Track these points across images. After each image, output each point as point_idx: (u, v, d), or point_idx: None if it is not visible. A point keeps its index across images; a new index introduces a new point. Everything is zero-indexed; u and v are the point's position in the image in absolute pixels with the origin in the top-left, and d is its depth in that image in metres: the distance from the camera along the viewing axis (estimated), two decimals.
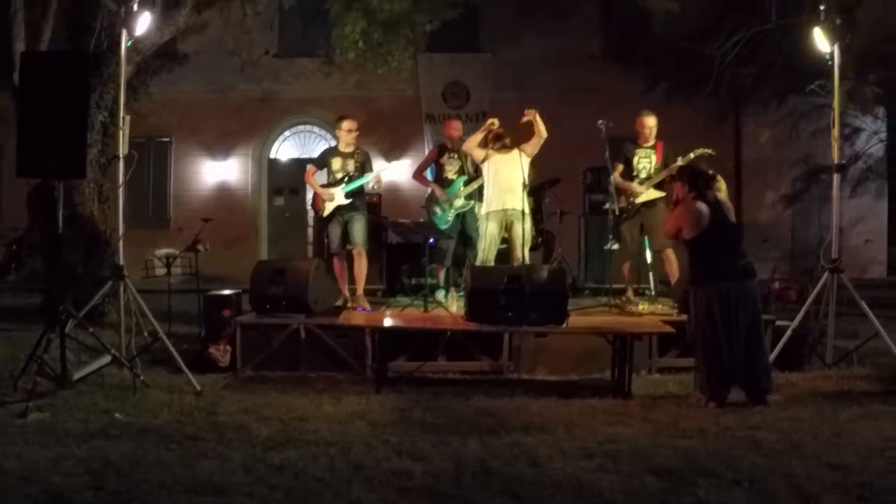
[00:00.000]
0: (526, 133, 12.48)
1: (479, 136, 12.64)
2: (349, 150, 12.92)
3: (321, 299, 11.75)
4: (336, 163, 12.88)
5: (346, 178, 12.69)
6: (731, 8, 16.92)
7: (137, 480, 6.74)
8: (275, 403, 9.35)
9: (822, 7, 12.39)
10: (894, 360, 10.95)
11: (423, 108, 25.75)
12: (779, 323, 11.74)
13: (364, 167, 12.88)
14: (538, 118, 12.36)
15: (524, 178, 11.98)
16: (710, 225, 9.48)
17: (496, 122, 12.63)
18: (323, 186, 12.90)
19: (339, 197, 12.68)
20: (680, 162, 12.23)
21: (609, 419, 8.86)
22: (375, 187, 13.37)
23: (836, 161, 12.08)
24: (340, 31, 17.79)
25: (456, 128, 13.94)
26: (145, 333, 10.74)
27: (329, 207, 12.74)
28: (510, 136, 12.49)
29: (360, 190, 12.90)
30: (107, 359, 10.16)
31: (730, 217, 9.70)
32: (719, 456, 7.51)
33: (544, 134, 12.34)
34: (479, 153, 12.65)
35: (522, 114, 12.47)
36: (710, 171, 9.97)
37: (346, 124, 13.00)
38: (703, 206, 9.51)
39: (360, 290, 12.80)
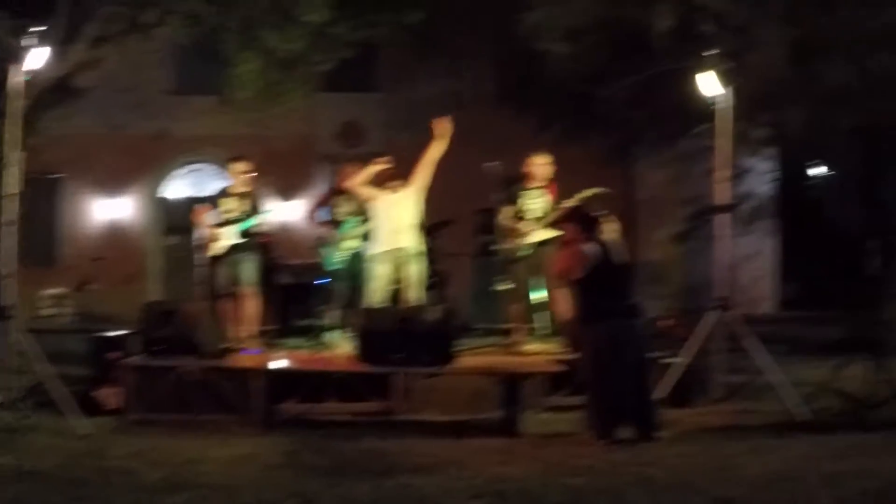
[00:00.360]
0: (413, 171, 12.57)
1: (366, 176, 12.69)
2: (242, 190, 12.89)
3: (210, 341, 11.69)
4: (228, 203, 12.82)
5: (237, 219, 12.65)
6: (623, 51, 17.12)
7: None
8: (163, 447, 9.29)
9: (709, 53, 12.66)
10: (781, 393, 11.17)
11: (318, 148, 25.68)
12: (668, 360, 11.91)
13: (255, 208, 12.84)
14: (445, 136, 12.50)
15: (417, 217, 12.05)
16: (598, 265, 9.61)
17: (386, 162, 12.66)
18: (214, 227, 12.83)
19: (229, 238, 12.62)
20: (572, 202, 12.36)
21: (499, 458, 8.93)
22: (262, 229, 13.32)
23: (722, 202, 12.32)
24: (236, 70, 17.75)
25: (351, 170, 13.97)
26: (33, 375, 10.60)
27: (219, 248, 12.68)
28: (399, 176, 12.55)
29: (251, 231, 12.85)
30: None
31: (619, 257, 9.85)
32: (609, 493, 7.61)
33: (437, 153, 12.47)
34: (368, 193, 12.69)
35: (436, 126, 12.58)
36: (601, 212, 10.11)
37: (239, 166, 12.98)
38: (591, 247, 9.64)
39: (250, 332, 12.72)
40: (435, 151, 12.46)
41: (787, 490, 7.71)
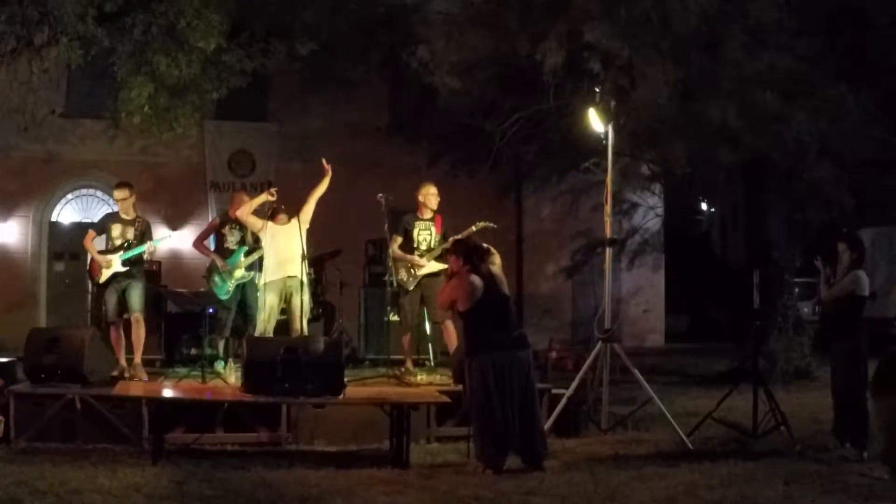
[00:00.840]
0: (302, 202, 12.63)
1: (254, 205, 12.70)
2: (129, 217, 12.78)
3: (97, 369, 11.54)
4: (115, 229, 12.70)
5: (125, 246, 12.55)
6: (512, 87, 17.31)
7: None
8: (49, 476, 9.10)
9: (597, 89, 12.86)
10: (667, 423, 11.35)
11: (208, 176, 25.44)
12: (555, 391, 12.06)
13: (144, 235, 12.72)
14: (328, 178, 12.57)
15: (303, 248, 12.07)
16: (483, 297, 9.69)
17: (274, 192, 12.67)
18: (101, 253, 12.71)
19: (116, 264, 12.47)
20: (460, 235, 12.46)
21: (387, 489, 8.92)
22: (149, 257, 13.22)
23: (608, 236, 12.49)
24: (127, 94, 17.61)
25: (242, 200, 13.94)
26: None
27: (106, 274, 12.52)
28: (287, 207, 12.58)
29: (139, 258, 12.71)
30: None
31: (503, 290, 9.93)
32: None
33: (321, 191, 12.55)
34: (255, 222, 12.71)
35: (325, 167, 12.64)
36: (484, 245, 10.22)
37: (117, 193, 12.91)
38: (476, 279, 9.72)
39: (137, 359, 12.57)
40: (319, 190, 12.55)
41: None
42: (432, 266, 12.97)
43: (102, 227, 12.95)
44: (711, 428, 11.67)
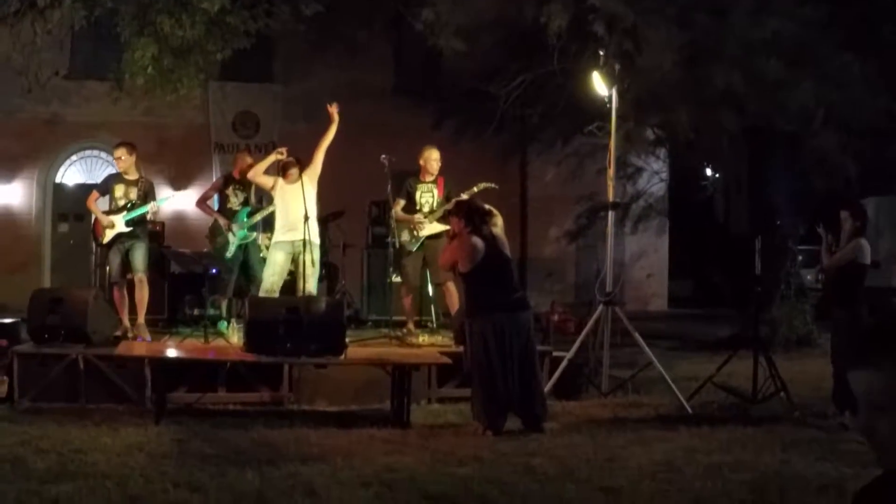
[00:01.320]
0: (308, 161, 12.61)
1: (265, 164, 12.71)
2: (132, 177, 12.79)
3: (100, 329, 11.56)
4: (119, 190, 12.71)
5: (128, 206, 12.56)
6: (517, 50, 17.27)
7: None
8: (52, 435, 9.17)
9: (601, 53, 12.83)
10: (668, 388, 11.39)
11: (212, 137, 25.52)
12: (556, 353, 12.10)
13: (147, 195, 12.74)
14: (335, 121, 12.55)
15: (305, 209, 12.06)
16: (484, 259, 9.72)
17: (285, 151, 12.67)
18: (104, 213, 12.74)
19: (119, 224, 12.50)
20: (463, 196, 12.47)
21: (387, 448, 9.00)
22: (152, 217, 13.25)
23: (611, 199, 12.49)
24: (131, 56, 17.58)
25: (246, 160, 13.93)
26: None
27: (109, 235, 12.55)
28: (298, 166, 12.56)
29: (142, 218, 12.74)
30: None
31: (505, 251, 9.96)
32: (494, 482, 7.71)
33: (329, 140, 12.55)
34: (266, 181, 12.71)
35: (331, 110, 12.61)
36: (486, 207, 10.23)
37: (116, 152, 12.94)
38: (478, 241, 9.74)
39: (140, 319, 12.63)
40: (327, 138, 12.50)
41: (669, 480, 7.90)
42: (434, 227, 12.98)
43: (106, 187, 12.97)
44: (711, 393, 11.73)
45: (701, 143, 17.22)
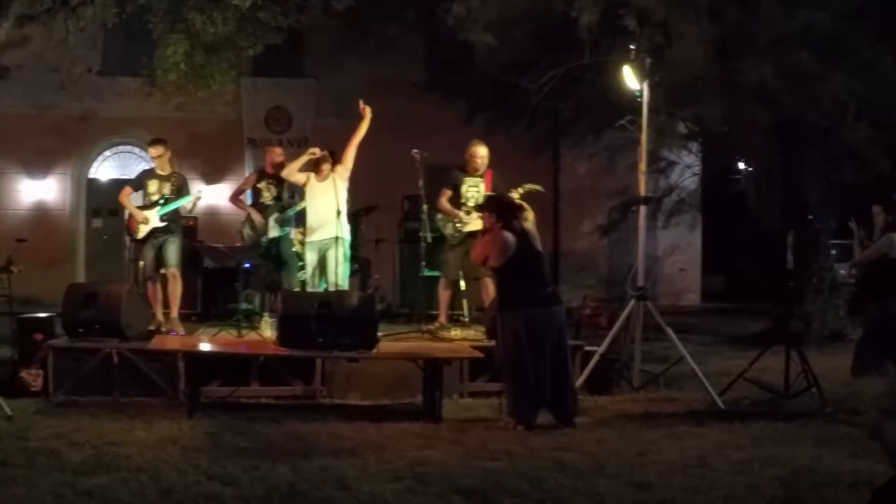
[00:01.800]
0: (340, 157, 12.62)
1: (299, 163, 12.72)
2: (166, 172, 12.86)
3: (134, 323, 11.62)
4: (152, 185, 12.79)
5: (161, 201, 12.64)
6: (548, 44, 17.27)
7: None
8: (86, 428, 9.23)
9: (632, 47, 12.81)
10: (700, 383, 11.36)
11: (244, 133, 25.57)
12: (588, 348, 12.08)
13: (181, 190, 12.81)
14: (367, 119, 12.55)
15: (338, 205, 12.08)
16: (515, 253, 9.71)
17: (318, 150, 12.68)
18: (138, 208, 12.82)
19: (153, 220, 12.58)
20: (513, 194, 12.45)
21: (419, 442, 9.00)
22: (189, 212, 13.34)
23: (643, 194, 12.47)
24: (163, 52, 17.68)
25: (277, 154, 13.97)
26: None
27: (143, 230, 12.63)
28: (330, 163, 12.57)
29: (176, 213, 12.84)
30: None
31: (536, 246, 9.95)
32: (525, 476, 7.70)
33: (361, 135, 12.54)
34: (299, 178, 12.71)
35: (362, 108, 12.60)
36: (517, 201, 10.24)
37: (152, 150, 13.03)
38: (509, 236, 9.74)
39: (174, 314, 12.70)
40: (359, 135, 12.51)
41: (701, 476, 7.88)
42: (478, 223, 12.96)
43: (139, 182, 13.06)
44: (743, 388, 11.65)
45: (733, 137, 17.18)
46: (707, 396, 11.18)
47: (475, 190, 13.03)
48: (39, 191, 26.02)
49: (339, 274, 12.34)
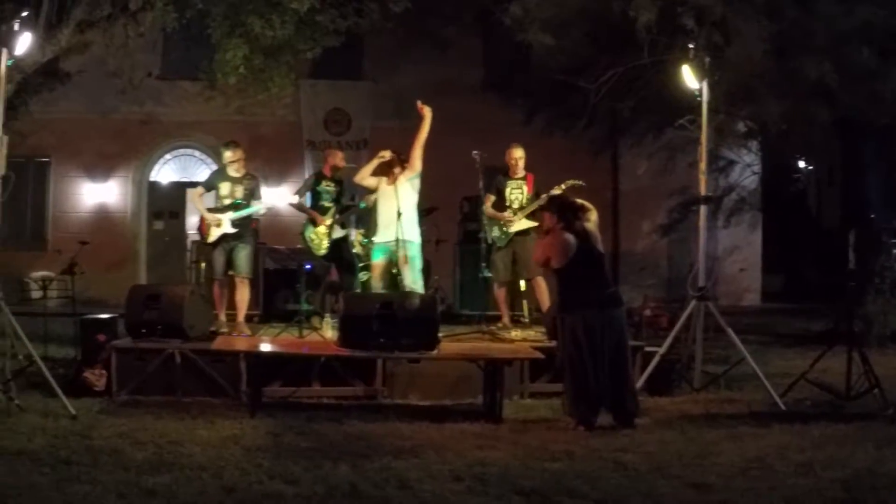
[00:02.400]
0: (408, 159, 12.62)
1: (370, 168, 12.70)
2: (239, 174, 12.96)
3: (196, 324, 11.73)
4: (224, 187, 12.90)
5: (234, 205, 12.73)
6: (606, 43, 17.24)
7: None
8: (149, 427, 9.32)
9: (691, 46, 12.77)
10: (760, 384, 11.29)
11: (304, 135, 25.71)
12: (648, 349, 12.02)
13: (253, 193, 12.93)
14: (428, 118, 12.54)
15: (398, 207, 12.08)
16: (576, 255, 9.71)
17: (388, 153, 12.65)
18: (210, 211, 12.92)
19: (226, 224, 12.70)
20: (555, 191, 12.51)
21: (479, 443, 9.01)
22: (260, 217, 13.45)
23: (703, 193, 12.42)
24: (222, 56, 17.80)
25: (338, 157, 14.02)
26: (20, 357, 10.54)
27: (215, 234, 12.75)
28: (399, 166, 12.55)
29: (248, 218, 12.96)
30: None
31: (597, 247, 9.93)
32: (585, 477, 7.69)
33: (424, 135, 12.52)
34: (372, 182, 12.70)
35: (421, 107, 12.60)
36: (580, 201, 10.21)
37: (228, 153, 13.05)
38: (570, 237, 9.73)
39: (240, 318, 12.80)
40: (421, 135, 12.51)
41: (761, 477, 7.84)
42: (523, 223, 13.10)
43: (211, 184, 13.14)
44: (804, 389, 11.55)
45: (793, 136, 17.07)
46: (768, 397, 11.10)
47: (518, 192, 13.22)
48: (101, 194, 26.28)
49: (409, 276, 12.35)
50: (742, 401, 11.40)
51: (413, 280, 12.39)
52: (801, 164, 24.27)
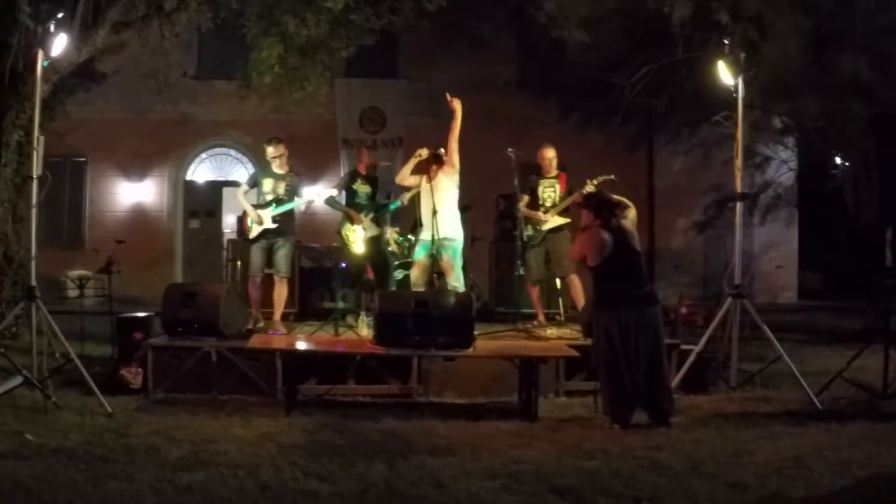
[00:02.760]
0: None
1: (410, 167, 12.66)
2: (282, 171, 13.00)
3: (232, 322, 11.78)
4: (267, 184, 12.98)
5: (276, 200, 12.78)
6: (641, 40, 17.23)
7: (47, 501, 6.74)
8: (185, 425, 9.35)
9: (726, 42, 12.72)
10: (797, 382, 11.23)
11: (339, 133, 25.75)
12: (684, 346, 11.96)
13: (295, 191, 12.96)
14: (458, 111, 12.46)
15: (433, 205, 12.07)
16: (613, 252, 9.67)
17: (424, 152, 12.63)
18: (254, 208, 12.95)
19: (266, 220, 12.74)
20: (587, 188, 12.50)
21: (514, 441, 8.99)
22: (303, 213, 13.45)
23: (738, 190, 12.36)
24: (257, 55, 17.86)
25: (369, 156, 14.05)
26: (57, 355, 10.57)
27: (256, 230, 12.81)
28: (437, 164, 12.51)
29: (290, 214, 12.97)
30: (18, 380, 10.03)
31: (634, 245, 9.88)
32: (621, 476, 7.66)
33: (457, 129, 12.44)
34: (413, 181, 12.69)
35: (450, 101, 12.52)
36: (617, 199, 10.16)
37: (270, 149, 13.09)
38: (606, 235, 9.70)
39: (276, 316, 12.86)
40: (454, 131, 12.46)
41: (797, 476, 7.80)
42: (556, 221, 13.12)
43: (254, 180, 13.23)
44: (841, 388, 11.47)
45: (829, 132, 16.98)
46: (804, 396, 11.03)
47: (551, 190, 13.27)
48: (137, 193, 26.47)
49: (452, 274, 12.37)
50: (778, 399, 11.33)
51: (455, 277, 12.39)
52: (838, 160, 24.12)
